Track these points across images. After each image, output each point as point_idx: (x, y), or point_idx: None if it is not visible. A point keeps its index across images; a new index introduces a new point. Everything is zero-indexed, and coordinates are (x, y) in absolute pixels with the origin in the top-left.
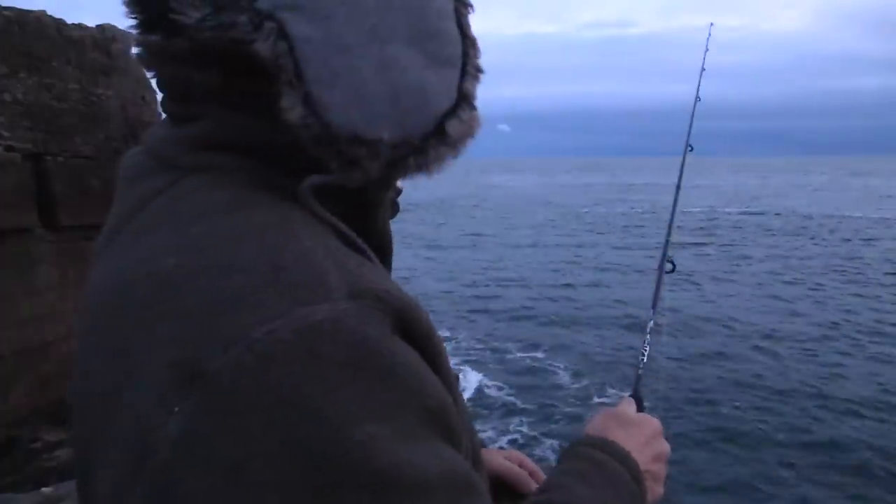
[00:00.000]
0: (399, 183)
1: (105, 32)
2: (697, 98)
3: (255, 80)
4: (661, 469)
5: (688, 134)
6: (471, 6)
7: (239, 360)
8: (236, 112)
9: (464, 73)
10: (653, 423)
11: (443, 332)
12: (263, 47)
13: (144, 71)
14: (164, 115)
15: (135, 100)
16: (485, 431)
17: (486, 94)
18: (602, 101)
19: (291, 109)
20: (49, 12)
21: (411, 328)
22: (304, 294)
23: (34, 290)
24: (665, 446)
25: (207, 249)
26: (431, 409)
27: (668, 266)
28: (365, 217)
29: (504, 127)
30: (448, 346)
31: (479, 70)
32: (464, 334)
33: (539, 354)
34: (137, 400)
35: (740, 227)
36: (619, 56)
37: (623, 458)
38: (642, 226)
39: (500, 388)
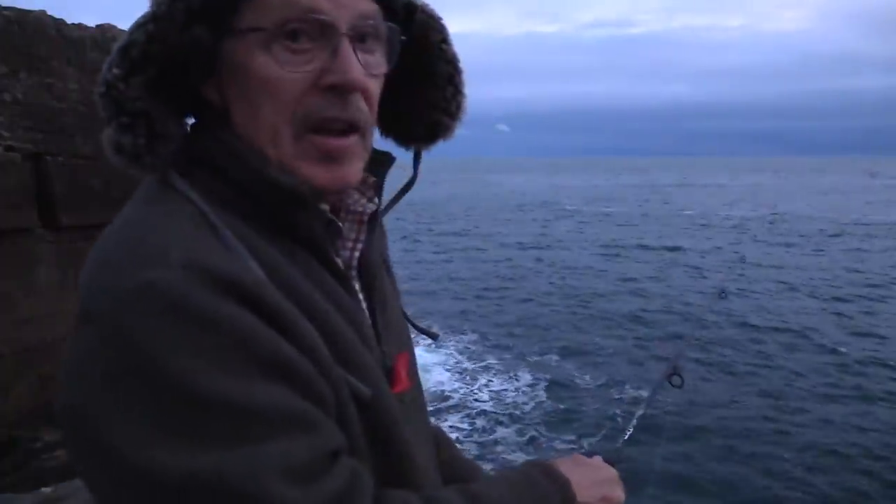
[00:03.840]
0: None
1: (105, 32)
2: None
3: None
4: None
5: None
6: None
7: (101, 305)
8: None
9: None
10: (610, 470)
11: (457, 334)
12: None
13: None
14: None
15: None
16: (504, 434)
17: (486, 94)
18: (602, 101)
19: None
20: (49, 12)
21: (250, 300)
22: (150, 262)
23: (34, 290)
24: (619, 494)
25: (116, 227)
26: (264, 357)
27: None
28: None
29: (503, 127)
30: (459, 347)
31: None
32: (478, 336)
33: (557, 357)
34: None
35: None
36: (619, 56)
37: (556, 479)
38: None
39: (515, 390)
